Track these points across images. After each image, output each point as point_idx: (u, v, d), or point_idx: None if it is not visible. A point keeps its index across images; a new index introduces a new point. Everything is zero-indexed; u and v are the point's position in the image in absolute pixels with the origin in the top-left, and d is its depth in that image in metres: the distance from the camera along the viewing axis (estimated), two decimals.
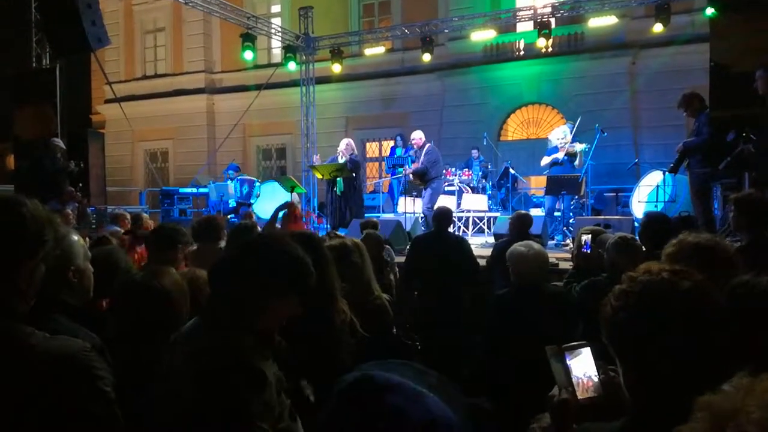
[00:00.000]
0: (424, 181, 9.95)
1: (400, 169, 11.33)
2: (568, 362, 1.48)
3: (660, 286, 1.26)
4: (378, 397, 0.85)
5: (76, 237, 2.05)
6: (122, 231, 5.48)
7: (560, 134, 9.58)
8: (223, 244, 3.78)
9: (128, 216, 6.64)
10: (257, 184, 11.83)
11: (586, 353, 1.49)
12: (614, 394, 1.43)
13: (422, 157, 9.82)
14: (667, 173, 8.53)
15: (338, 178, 9.64)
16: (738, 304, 1.51)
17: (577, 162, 9.42)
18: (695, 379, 1.19)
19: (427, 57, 12.76)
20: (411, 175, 10.19)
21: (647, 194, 9.81)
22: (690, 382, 1.19)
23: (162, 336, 1.89)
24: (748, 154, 5.82)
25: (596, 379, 1.47)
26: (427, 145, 9.93)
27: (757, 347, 1.38)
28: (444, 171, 10.82)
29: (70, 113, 11.62)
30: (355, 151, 10.14)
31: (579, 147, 9.52)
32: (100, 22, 8.65)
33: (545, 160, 9.66)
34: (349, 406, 0.87)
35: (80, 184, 9.98)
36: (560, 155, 9.34)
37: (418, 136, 10.19)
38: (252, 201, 11.68)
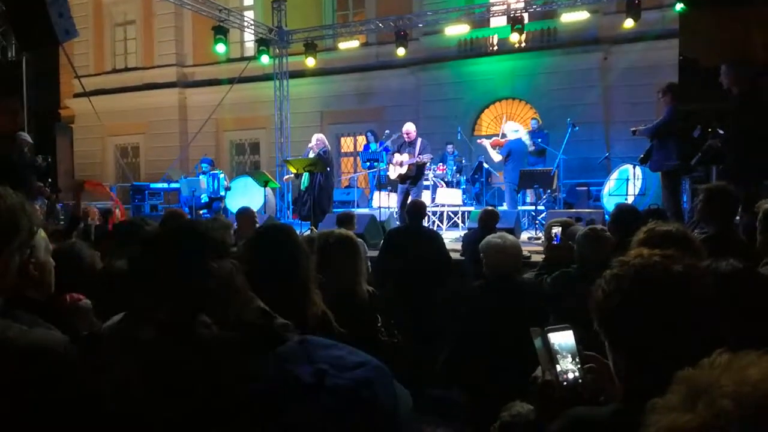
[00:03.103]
0: (416, 179, 9.55)
1: (376, 164, 11.28)
2: (551, 344, 1.49)
3: (653, 270, 1.27)
4: (317, 350, 0.99)
5: None
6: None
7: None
8: None
9: (94, 209, 6.54)
10: (221, 176, 11.66)
11: (569, 335, 1.51)
12: (599, 375, 1.44)
13: (418, 150, 9.46)
14: (637, 166, 8.65)
15: (305, 174, 9.54)
16: None
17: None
18: (688, 362, 1.20)
19: (401, 51, 12.74)
20: (405, 168, 9.56)
21: (618, 187, 9.95)
22: (682, 365, 1.20)
23: None
24: (716, 149, 5.92)
25: (578, 361, 1.49)
26: (420, 139, 9.66)
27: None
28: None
29: (38, 107, 11.39)
30: (327, 146, 10.05)
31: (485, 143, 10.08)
32: (68, 14, 8.44)
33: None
34: (291, 359, 0.98)
35: (49, 180, 9.78)
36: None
37: (412, 128, 9.69)
38: (222, 194, 11.54)
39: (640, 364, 1.25)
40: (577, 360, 1.49)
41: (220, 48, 12.34)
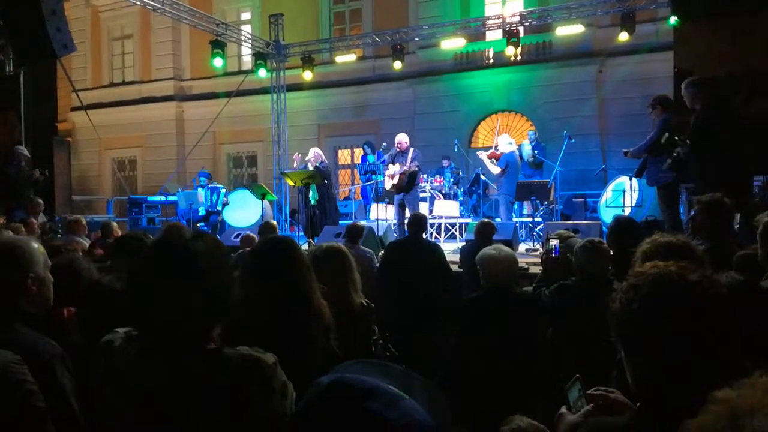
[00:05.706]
0: (408, 188, 9.54)
1: (374, 176, 11.29)
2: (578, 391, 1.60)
3: (670, 279, 1.28)
4: (356, 402, 0.87)
5: (35, 244, 2.00)
6: (85, 242, 5.36)
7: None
8: None
9: (83, 221, 6.52)
10: (222, 191, 11.69)
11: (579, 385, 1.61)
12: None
13: (409, 160, 9.47)
14: (634, 178, 8.67)
15: (312, 187, 9.57)
16: None
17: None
18: (703, 371, 1.20)
19: (397, 65, 12.83)
20: (397, 178, 9.57)
21: (615, 199, 9.98)
22: (698, 374, 1.20)
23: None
24: (683, 158, 5.98)
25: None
26: (412, 149, 9.68)
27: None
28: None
29: (36, 121, 11.38)
30: (325, 160, 10.10)
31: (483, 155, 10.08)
32: (66, 29, 8.49)
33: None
34: (327, 410, 0.88)
35: (46, 194, 9.77)
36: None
37: (404, 139, 9.72)
38: (218, 209, 11.54)
39: (658, 371, 1.26)
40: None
41: (218, 62, 12.40)
